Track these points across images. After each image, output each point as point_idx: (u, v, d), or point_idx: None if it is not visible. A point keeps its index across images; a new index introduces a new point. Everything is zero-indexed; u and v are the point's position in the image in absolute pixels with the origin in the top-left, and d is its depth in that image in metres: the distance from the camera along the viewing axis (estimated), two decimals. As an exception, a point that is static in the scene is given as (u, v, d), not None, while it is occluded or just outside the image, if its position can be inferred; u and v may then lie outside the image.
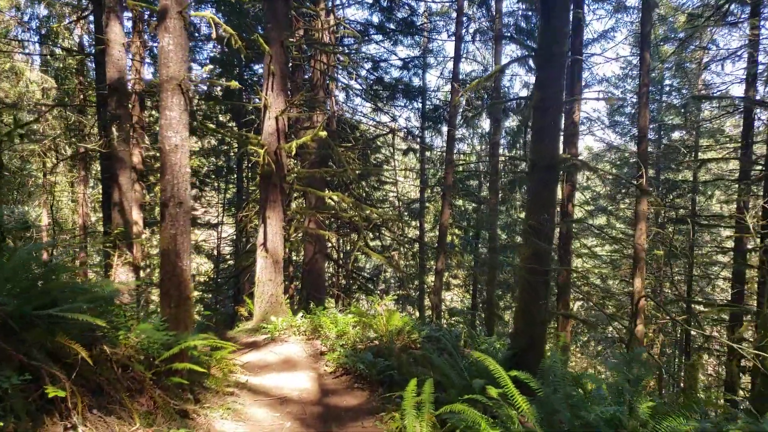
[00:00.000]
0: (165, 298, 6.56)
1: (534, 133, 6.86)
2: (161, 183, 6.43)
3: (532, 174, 6.69)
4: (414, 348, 10.45)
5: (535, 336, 6.58)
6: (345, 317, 10.80)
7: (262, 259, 12.31)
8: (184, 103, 6.43)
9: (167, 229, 6.44)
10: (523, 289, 6.67)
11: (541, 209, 6.52)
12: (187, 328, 6.65)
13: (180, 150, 6.42)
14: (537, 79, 6.71)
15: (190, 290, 6.63)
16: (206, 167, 25.03)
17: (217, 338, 11.33)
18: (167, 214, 6.43)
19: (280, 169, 12.21)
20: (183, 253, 6.51)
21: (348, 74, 16.26)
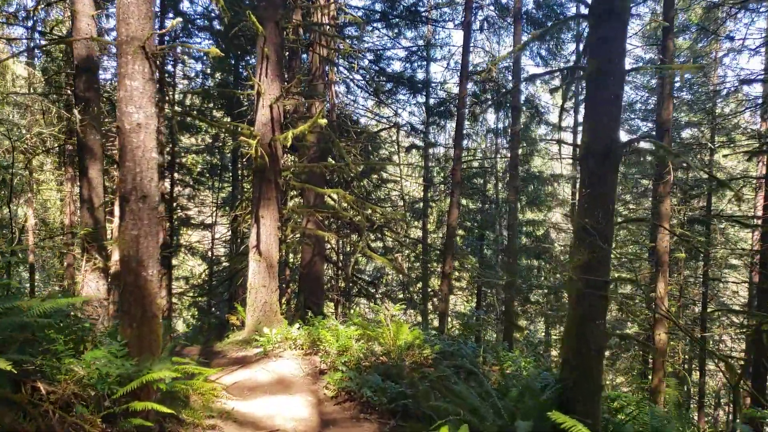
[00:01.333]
0: (126, 316, 5.12)
1: (588, 111, 5.44)
2: (120, 172, 5.00)
3: (586, 161, 5.29)
4: (426, 365, 9.02)
5: (590, 365, 5.15)
6: (347, 329, 9.36)
7: (254, 263, 10.87)
8: (148, 71, 4.99)
9: (128, 230, 5.00)
10: (576, 305, 5.25)
11: (597, 205, 5.12)
12: (153, 354, 5.21)
13: (144, 130, 4.98)
14: (590, 43, 5.31)
15: (157, 306, 5.19)
16: (200, 166, 23.56)
17: (201, 356, 9.92)
18: (128, 211, 4.99)
19: (275, 163, 10.77)
20: (148, 260, 5.07)
21: (349, 64, 14.81)
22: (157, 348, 5.26)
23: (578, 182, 19.01)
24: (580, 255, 5.06)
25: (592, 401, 5.05)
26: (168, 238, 20.16)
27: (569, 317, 5.43)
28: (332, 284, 19.41)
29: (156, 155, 5.05)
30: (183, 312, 26.20)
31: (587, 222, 5.01)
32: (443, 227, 22.30)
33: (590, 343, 5.05)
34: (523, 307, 23.19)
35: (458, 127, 14.48)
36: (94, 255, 8.02)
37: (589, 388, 5.07)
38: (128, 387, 4.62)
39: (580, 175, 5.58)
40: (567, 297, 5.39)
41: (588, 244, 5.00)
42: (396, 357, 8.75)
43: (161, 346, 5.37)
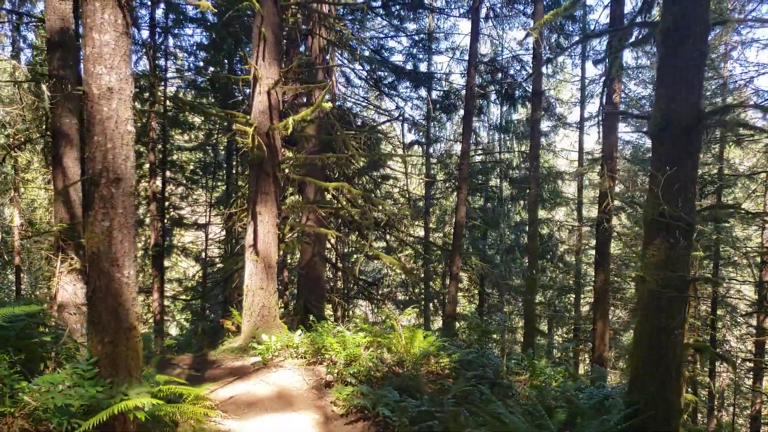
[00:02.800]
0: (95, 328, 4.07)
1: (663, 76, 4.41)
2: (87, 148, 3.95)
3: (661, 137, 4.28)
4: (443, 376, 8.01)
5: (667, 384, 4.14)
6: (355, 336, 8.32)
7: (251, 263, 9.82)
8: (122, 22, 3.95)
9: (98, 221, 3.95)
10: (648, 311, 4.25)
11: (676, 190, 4.12)
12: (131, 374, 4.16)
13: (117, 96, 3.94)
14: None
15: (135, 316, 4.15)
16: (193, 164, 22.45)
17: (193, 366, 8.86)
18: (98, 198, 3.94)
19: (273, 155, 9.73)
20: (123, 259, 4.03)
21: (350, 53, 13.77)
22: (135, 366, 4.21)
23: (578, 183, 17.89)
24: (655, 250, 4.05)
25: (669, 428, 4.06)
26: (160, 239, 19.05)
27: (640, 325, 4.43)
28: (331, 285, 18.36)
29: (132, 128, 4.01)
30: (176, 315, 25.09)
31: (665, 210, 4.00)
32: (445, 226, 21.31)
33: (667, 357, 4.06)
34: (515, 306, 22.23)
35: (466, 118, 13.48)
36: (70, 254, 6.95)
37: (665, 412, 4.07)
38: (96, 419, 3.58)
39: (653, 155, 4.57)
40: (638, 301, 4.43)
41: (665, 237, 4.00)
42: (411, 367, 7.74)
43: (141, 365, 4.31)
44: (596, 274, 12.06)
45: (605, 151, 11.65)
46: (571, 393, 6.06)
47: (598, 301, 11.98)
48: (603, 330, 11.99)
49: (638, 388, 4.29)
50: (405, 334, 8.14)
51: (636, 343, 4.54)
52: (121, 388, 3.96)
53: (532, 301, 11.28)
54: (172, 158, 21.71)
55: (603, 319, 11.99)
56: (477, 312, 21.43)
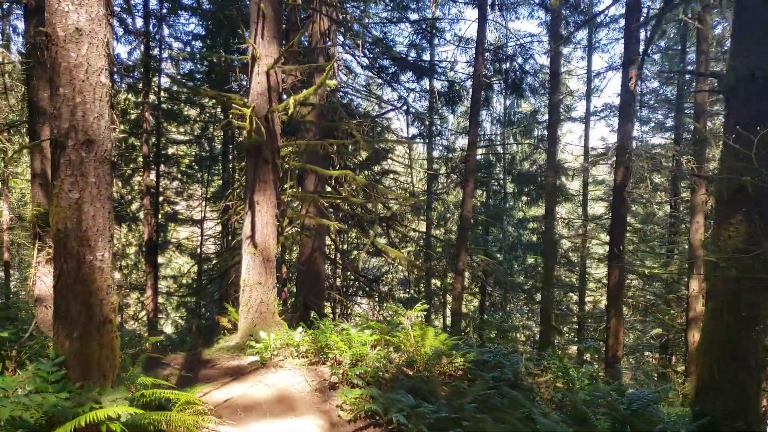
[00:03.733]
0: (62, 322, 3.35)
1: (741, 22, 3.70)
2: (51, 103, 3.23)
3: (739, 91, 3.56)
4: (457, 377, 7.32)
5: (747, 390, 3.44)
6: (361, 334, 7.61)
7: (249, 256, 9.10)
8: (94, -51, 3.24)
9: (64, 192, 3.25)
10: (724, 304, 3.56)
11: (764, 156, 3.41)
12: (105, 377, 3.45)
13: (87, 40, 3.23)
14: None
15: (111, 307, 3.44)
16: (189, 158, 21.71)
17: (185, 366, 8.14)
18: (64, 164, 3.24)
19: (272, 140, 9.01)
20: (96, 238, 3.32)
21: (352, 39, 13.06)
22: (111, 367, 3.50)
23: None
24: (733, 230, 3.34)
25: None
26: (154, 234, 18.31)
27: (712, 321, 3.74)
28: (330, 282, 17.66)
29: (106, 80, 3.30)
30: (171, 313, 24.35)
31: (747, 180, 3.30)
32: (447, 223, 20.61)
33: (747, 359, 3.37)
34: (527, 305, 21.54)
35: (473, 107, 12.78)
36: (48, 242, 6.24)
37: (746, 424, 3.39)
38: (64, 429, 2.87)
39: (727, 120, 3.88)
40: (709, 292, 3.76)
41: (747, 214, 3.31)
42: (423, 367, 7.04)
43: (119, 365, 3.59)
44: (609, 270, 11.39)
45: (621, 141, 10.99)
46: (607, 397, 5.36)
47: (612, 298, 11.31)
48: (617, 328, 11.32)
49: (711, 397, 3.60)
50: (415, 332, 7.45)
51: (707, 343, 3.86)
52: (93, 393, 3.24)
53: (550, 297, 10.57)
54: (167, 152, 20.99)
55: (617, 317, 11.32)
56: (479, 309, 20.77)
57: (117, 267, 21.93)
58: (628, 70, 10.89)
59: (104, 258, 3.38)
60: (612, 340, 11.33)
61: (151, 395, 3.95)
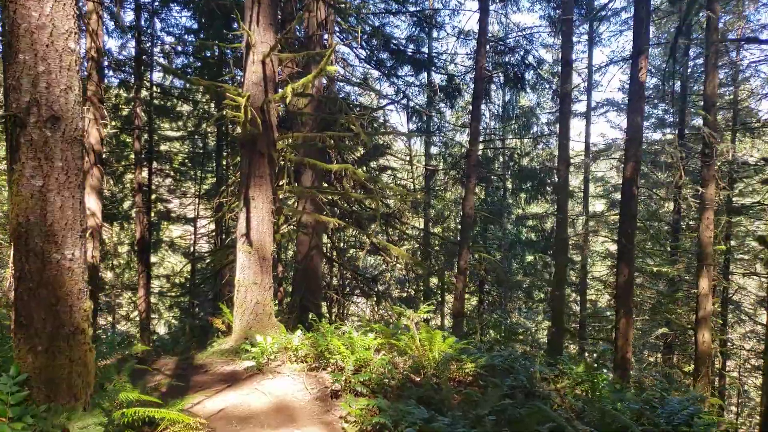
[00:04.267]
0: (24, 332, 2.81)
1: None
2: (9, 72, 2.69)
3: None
4: (467, 384, 6.80)
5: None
6: (364, 338, 7.08)
7: (244, 254, 8.57)
8: None
9: (26, 179, 2.71)
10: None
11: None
12: (76, 397, 2.91)
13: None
14: None
15: (83, 314, 2.90)
16: (182, 155, 21.09)
17: (176, 373, 7.59)
18: (24, 144, 2.70)
19: (268, 132, 8.47)
20: (64, 234, 2.78)
21: (350, 31, 12.51)
22: (84, 386, 2.96)
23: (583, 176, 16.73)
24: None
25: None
26: (146, 233, 17.72)
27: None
28: (327, 282, 17.12)
29: (75, 46, 2.76)
30: (165, 313, 23.73)
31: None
32: (445, 221, 20.10)
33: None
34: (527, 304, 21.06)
35: (475, 101, 12.27)
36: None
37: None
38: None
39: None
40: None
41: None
42: (431, 374, 6.53)
43: (94, 383, 3.05)
44: (619, 268, 10.90)
45: (630, 133, 10.50)
46: (637, 406, 4.87)
47: (621, 297, 10.82)
48: (626, 328, 10.84)
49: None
50: (422, 335, 6.93)
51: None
52: (61, 418, 2.71)
53: (562, 296, 10.05)
54: (160, 149, 20.39)
55: (626, 317, 10.83)
56: (477, 309, 20.27)
57: (109, 266, 21.32)
58: (638, 59, 10.41)
59: (74, 257, 2.84)
60: (621, 341, 10.85)
61: (133, 415, 3.42)
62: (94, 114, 14.64)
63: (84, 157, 2.81)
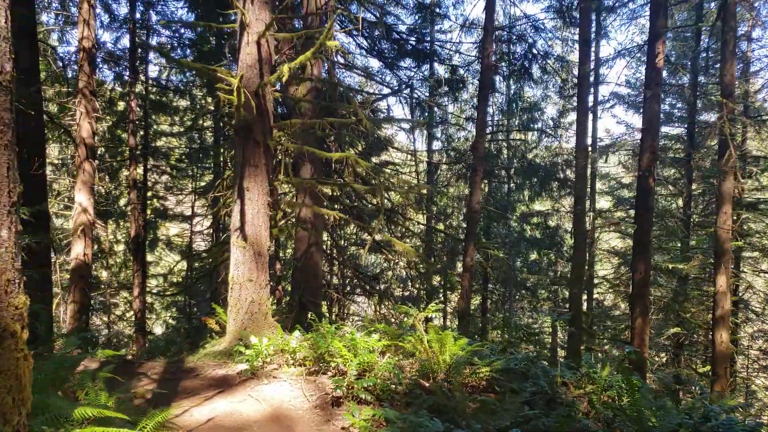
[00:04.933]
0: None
1: None
2: None
3: None
4: (481, 389, 6.15)
5: None
6: (367, 339, 6.42)
7: (238, 250, 7.92)
8: None
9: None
10: None
11: None
12: (6, 421, 2.24)
13: None
14: None
15: (15, 313, 2.23)
16: (179, 151, 20.43)
17: (162, 378, 6.93)
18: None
19: (263, 119, 7.82)
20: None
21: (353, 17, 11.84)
22: (16, 406, 2.30)
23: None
24: None
25: None
26: (141, 231, 17.07)
27: None
28: (327, 280, 16.45)
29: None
30: (162, 312, 23.07)
31: None
32: (448, 219, 19.44)
33: None
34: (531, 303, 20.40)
35: (482, 90, 11.61)
36: None
37: None
38: None
39: None
40: None
41: None
42: (442, 379, 5.87)
43: (29, 401, 2.39)
44: (634, 264, 10.25)
45: (646, 123, 9.85)
46: (679, 418, 4.22)
47: (637, 295, 10.16)
48: (642, 328, 10.18)
49: None
50: (431, 336, 6.27)
51: None
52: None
53: (580, 295, 9.37)
54: (156, 144, 19.74)
55: (642, 316, 10.18)
56: (481, 309, 19.60)
57: (105, 265, 20.66)
58: (655, 45, 9.76)
59: (3, 240, 2.18)
60: (637, 342, 10.20)
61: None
62: (85, 107, 13.96)
63: (12, 116, 2.19)
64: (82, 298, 13.92)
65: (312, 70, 11.15)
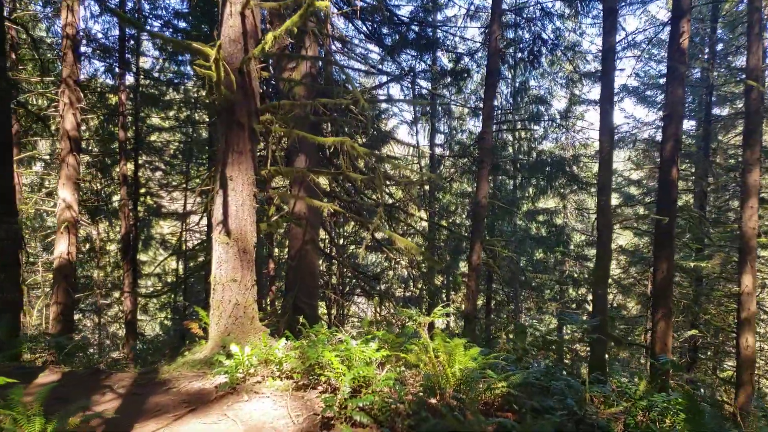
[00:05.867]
0: None
1: None
2: None
3: None
4: (496, 406, 5.20)
5: None
6: (364, 348, 5.46)
7: (221, 246, 6.98)
8: None
9: None
10: None
11: None
12: None
13: None
14: None
15: None
16: (172, 147, 19.48)
17: (127, 394, 5.97)
18: None
19: (248, 99, 6.88)
20: None
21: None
22: None
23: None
24: None
25: None
26: (132, 229, 16.15)
27: None
28: (326, 281, 15.49)
29: None
30: (157, 314, 22.16)
31: None
32: (453, 216, 18.49)
33: None
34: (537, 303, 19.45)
35: (490, 77, 10.67)
36: None
37: None
38: None
39: None
40: None
41: None
42: (451, 396, 4.92)
43: None
44: (656, 262, 9.28)
45: (670, 108, 8.89)
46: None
47: (660, 296, 9.20)
48: (665, 332, 9.22)
49: None
50: (438, 344, 5.32)
51: None
52: None
53: (605, 297, 8.36)
54: (149, 139, 18.80)
55: (665, 319, 9.21)
56: (485, 310, 18.63)
57: (97, 265, 19.73)
58: (679, 23, 8.81)
59: None
60: (659, 347, 9.23)
61: None
62: (69, 97, 13.05)
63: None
64: (66, 298, 13.02)
65: (307, 53, 10.21)
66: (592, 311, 8.33)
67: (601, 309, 8.05)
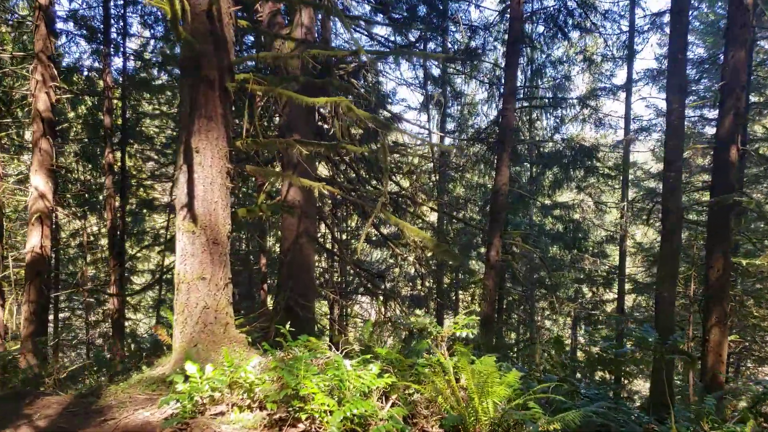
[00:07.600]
0: None
1: None
2: None
3: None
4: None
5: None
6: (361, 373, 3.91)
7: (185, 236, 5.46)
8: None
9: None
10: None
11: None
12: None
13: None
14: None
15: None
16: (164, 136, 18.00)
17: None
18: None
19: (220, 50, 5.36)
20: None
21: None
22: None
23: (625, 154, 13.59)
24: None
25: None
26: (119, 222, 14.64)
27: None
28: (326, 279, 13.97)
29: None
30: (151, 313, 20.71)
31: None
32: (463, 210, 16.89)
33: None
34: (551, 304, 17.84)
35: (511, 45, 9.11)
36: None
37: None
38: None
39: None
40: None
41: None
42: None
43: None
44: (709, 259, 7.71)
45: (729, 76, 7.32)
46: None
47: (714, 299, 7.62)
48: (720, 340, 7.63)
49: None
50: (463, 366, 3.76)
51: None
52: None
53: (672, 301, 6.74)
54: (142, 128, 17.32)
55: (720, 325, 7.62)
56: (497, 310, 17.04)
57: (84, 260, 18.31)
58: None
59: None
60: (712, 358, 7.65)
61: None
62: (42, 74, 11.52)
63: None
64: (39, 297, 11.58)
65: (301, 17, 8.67)
66: (655, 319, 6.76)
67: (667, 316, 6.46)
